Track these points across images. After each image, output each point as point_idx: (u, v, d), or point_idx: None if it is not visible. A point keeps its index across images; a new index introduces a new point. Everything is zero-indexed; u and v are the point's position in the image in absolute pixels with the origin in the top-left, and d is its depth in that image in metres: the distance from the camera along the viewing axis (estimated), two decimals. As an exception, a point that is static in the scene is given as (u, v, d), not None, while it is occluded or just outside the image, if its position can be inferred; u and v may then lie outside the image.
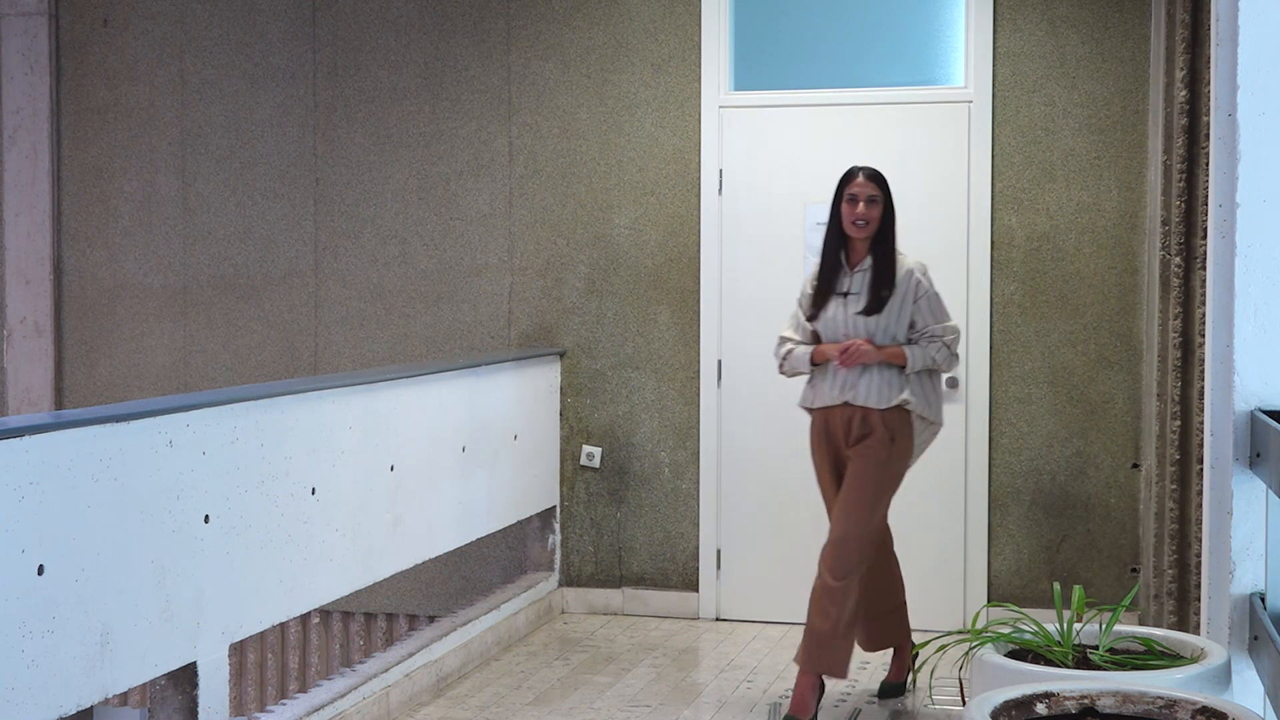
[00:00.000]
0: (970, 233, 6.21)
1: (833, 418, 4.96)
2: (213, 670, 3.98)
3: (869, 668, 5.60)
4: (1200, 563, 3.65)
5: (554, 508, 6.60)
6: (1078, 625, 3.17)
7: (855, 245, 4.99)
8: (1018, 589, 6.17)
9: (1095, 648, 3.14)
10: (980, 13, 6.17)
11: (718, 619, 6.48)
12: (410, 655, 5.19)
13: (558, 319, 6.63)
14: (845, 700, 5.24)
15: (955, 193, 6.23)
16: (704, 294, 6.46)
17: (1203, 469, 3.31)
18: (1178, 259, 4.94)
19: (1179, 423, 4.88)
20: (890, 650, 5.35)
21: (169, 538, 3.77)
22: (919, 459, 5.12)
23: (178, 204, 7.02)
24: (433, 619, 6.20)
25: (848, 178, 4.99)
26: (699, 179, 6.46)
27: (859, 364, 4.88)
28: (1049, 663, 3.06)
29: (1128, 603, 3.30)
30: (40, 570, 3.29)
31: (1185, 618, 4.83)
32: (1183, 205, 4.89)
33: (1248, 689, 3.01)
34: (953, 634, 3.30)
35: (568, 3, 6.59)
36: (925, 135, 6.27)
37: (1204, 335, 3.88)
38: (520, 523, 6.41)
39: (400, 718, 5.02)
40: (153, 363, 7.04)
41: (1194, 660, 2.96)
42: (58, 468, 3.37)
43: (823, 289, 5.00)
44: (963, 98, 6.23)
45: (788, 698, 5.14)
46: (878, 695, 5.24)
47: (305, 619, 6.84)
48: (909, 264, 4.98)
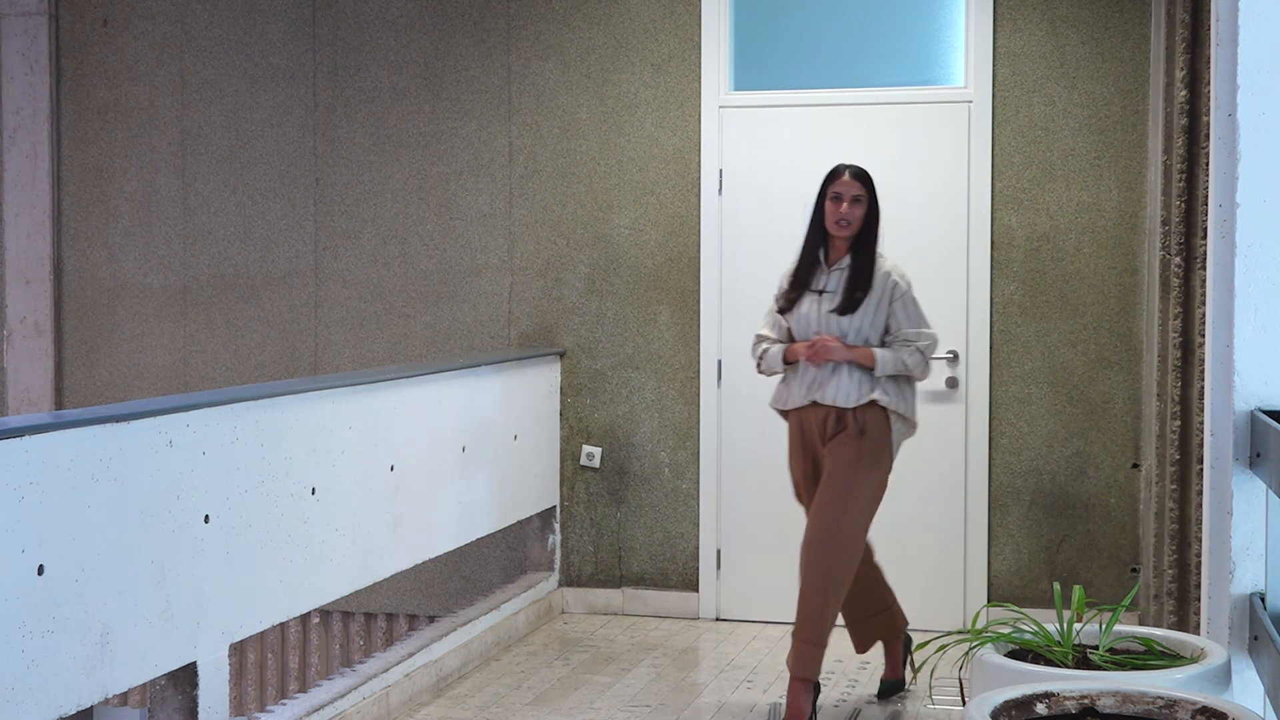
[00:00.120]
0: (970, 233, 6.21)
1: (806, 419, 4.91)
2: (213, 670, 3.98)
3: (869, 668, 5.60)
4: (1200, 563, 3.65)
5: (554, 508, 6.60)
6: (1078, 625, 3.16)
7: (836, 244, 4.93)
8: (1018, 589, 6.17)
9: (1095, 648, 3.13)
10: (980, 13, 6.17)
11: (718, 619, 6.48)
12: (410, 655, 5.19)
13: (558, 319, 6.63)
14: (845, 700, 5.24)
15: (955, 193, 6.23)
16: (704, 294, 6.46)
17: (1203, 469, 3.31)
18: (1178, 259, 4.94)
19: (1179, 423, 4.88)
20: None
21: (169, 538, 3.77)
22: (900, 459, 5.06)
23: (178, 204, 7.02)
24: (433, 619, 6.20)
25: (833, 175, 4.92)
26: (699, 179, 6.46)
27: (826, 360, 4.81)
28: (1049, 663, 3.06)
29: (1128, 603, 3.30)
30: (40, 570, 3.29)
31: (1185, 618, 4.82)
32: (1183, 205, 4.89)
33: (1248, 689, 3.01)
34: (953, 634, 3.30)
35: (568, 3, 6.59)
36: (925, 135, 6.27)
37: (1204, 335, 3.88)
38: (520, 523, 6.41)
39: (400, 718, 5.02)
40: (153, 363, 7.04)
41: (1194, 660, 2.96)
42: (58, 468, 3.37)
43: (798, 285, 4.94)
44: (963, 98, 6.23)
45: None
46: (877, 696, 5.22)
47: (305, 619, 6.84)
48: (887, 266, 4.90)
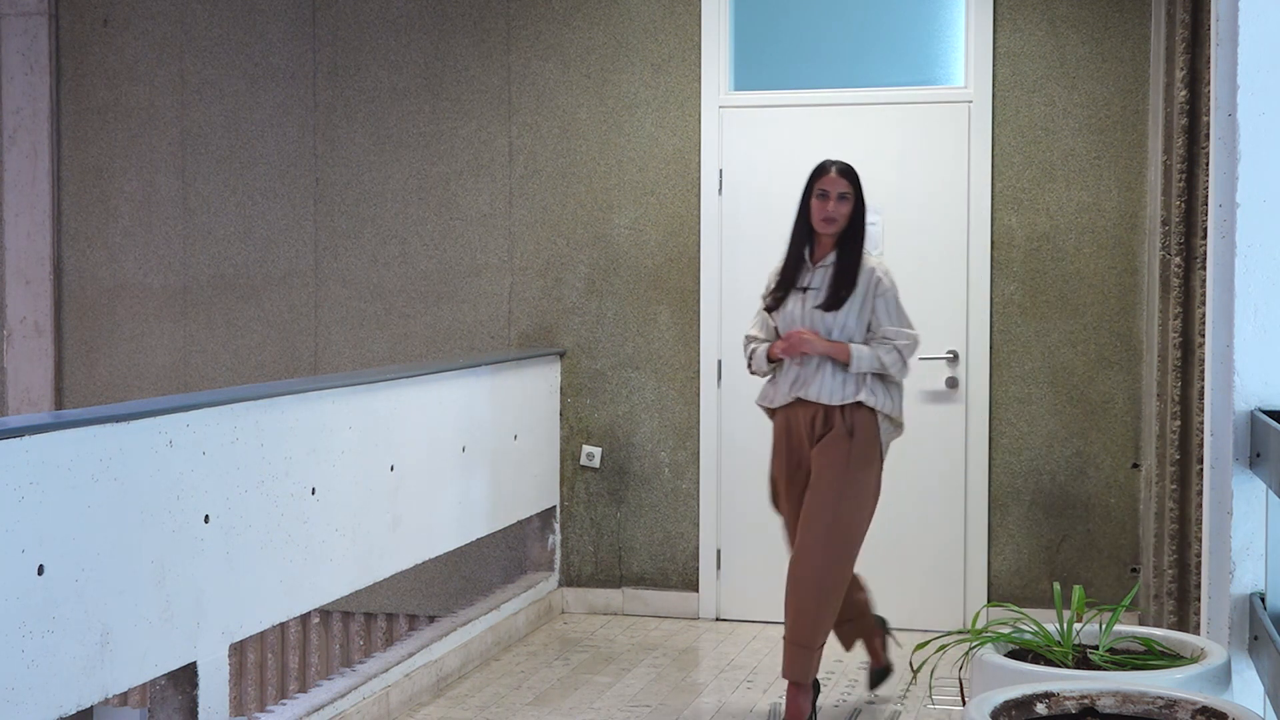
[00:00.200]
0: (970, 233, 6.21)
1: (793, 418, 4.84)
2: (213, 670, 3.98)
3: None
4: (1200, 563, 3.65)
5: (554, 508, 6.60)
6: (1078, 625, 3.16)
7: (822, 241, 4.86)
8: (1018, 589, 6.17)
9: (1095, 648, 3.13)
10: (980, 13, 6.17)
11: (718, 619, 6.48)
12: (410, 655, 5.19)
13: (558, 319, 6.63)
14: (845, 700, 5.24)
15: (955, 193, 6.23)
16: (704, 294, 6.46)
17: (1203, 469, 3.31)
18: (1178, 259, 4.93)
19: (1179, 423, 4.88)
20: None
21: (169, 538, 3.77)
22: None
23: (178, 204, 7.02)
24: (433, 619, 6.20)
25: (819, 172, 4.85)
26: (699, 179, 6.46)
27: (801, 353, 4.76)
28: (1049, 663, 3.05)
29: (1128, 603, 3.30)
30: (40, 570, 3.29)
31: (1185, 618, 4.82)
32: (1183, 205, 4.89)
33: (1248, 689, 3.01)
34: (953, 634, 3.29)
35: (568, 3, 6.59)
36: (925, 135, 6.27)
37: (1204, 335, 3.88)
38: (520, 523, 6.41)
39: (400, 718, 5.02)
40: (153, 363, 7.04)
41: (1194, 660, 2.96)
42: (58, 468, 3.37)
43: (784, 283, 4.88)
44: (963, 98, 6.23)
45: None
46: (869, 687, 5.23)
47: (305, 619, 6.84)
48: (873, 263, 4.85)
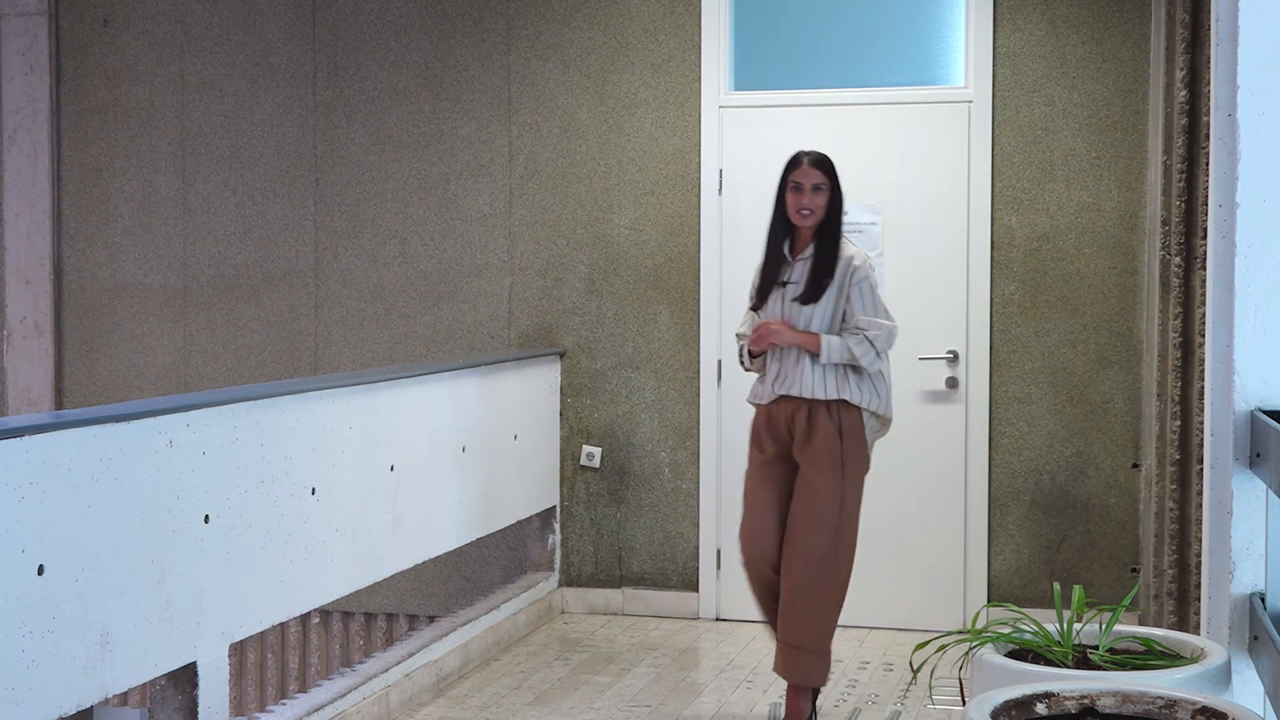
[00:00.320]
0: (970, 233, 6.21)
1: (776, 412, 4.78)
2: (213, 670, 3.98)
3: (869, 667, 5.60)
4: (1200, 563, 3.65)
5: (554, 508, 6.60)
6: (1078, 625, 3.16)
7: (800, 234, 4.80)
8: (1018, 589, 6.17)
9: (1095, 648, 3.13)
10: (980, 13, 6.17)
11: (718, 619, 6.48)
12: (410, 655, 5.19)
13: (558, 319, 6.62)
14: (845, 700, 5.24)
15: (955, 193, 6.23)
16: (704, 294, 6.46)
17: (1203, 469, 3.31)
18: (1178, 259, 4.94)
19: (1179, 423, 4.88)
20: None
21: (169, 538, 3.77)
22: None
23: (178, 204, 7.02)
24: (433, 619, 6.20)
25: (792, 164, 4.80)
26: (699, 179, 6.46)
27: (771, 344, 4.71)
28: (1049, 663, 3.05)
29: (1128, 603, 3.30)
30: (40, 570, 3.29)
31: (1185, 618, 4.82)
32: (1183, 205, 4.89)
33: (1248, 689, 3.01)
34: (953, 634, 3.29)
35: (568, 3, 6.59)
36: (925, 135, 6.27)
37: (1204, 335, 3.88)
38: (520, 523, 6.41)
39: (400, 718, 5.02)
40: (153, 363, 7.04)
41: (1194, 660, 2.96)
42: (58, 468, 3.37)
43: (766, 280, 4.83)
44: (963, 98, 6.23)
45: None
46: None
47: (305, 619, 6.84)
48: (851, 251, 4.76)
